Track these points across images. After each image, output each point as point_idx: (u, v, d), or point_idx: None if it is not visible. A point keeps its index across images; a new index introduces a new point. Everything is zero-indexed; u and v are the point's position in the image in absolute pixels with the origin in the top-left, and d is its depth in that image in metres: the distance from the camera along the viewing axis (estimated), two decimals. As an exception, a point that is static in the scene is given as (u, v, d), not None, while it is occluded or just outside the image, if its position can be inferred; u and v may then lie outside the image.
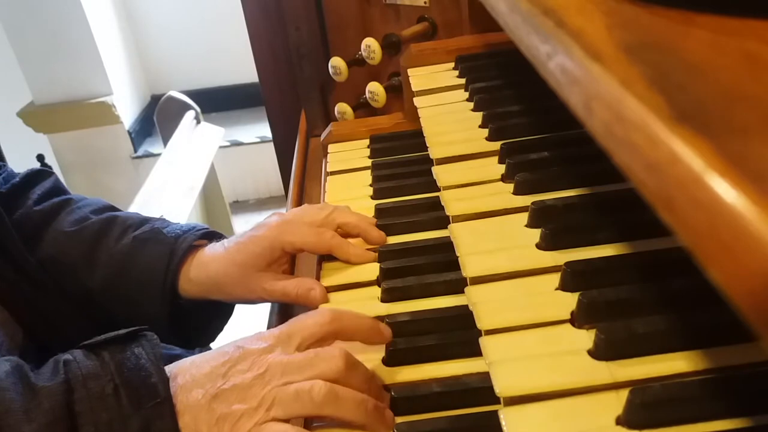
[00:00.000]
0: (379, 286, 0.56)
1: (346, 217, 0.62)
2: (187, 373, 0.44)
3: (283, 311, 0.67)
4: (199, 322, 0.67)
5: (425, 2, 0.89)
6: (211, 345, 0.90)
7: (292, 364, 0.44)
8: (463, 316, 0.46)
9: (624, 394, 0.34)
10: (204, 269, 0.61)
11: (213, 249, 0.62)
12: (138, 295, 0.62)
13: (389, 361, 0.48)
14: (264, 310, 0.68)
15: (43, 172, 0.71)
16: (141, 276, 0.62)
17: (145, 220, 0.66)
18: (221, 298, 0.63)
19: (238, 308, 0.71)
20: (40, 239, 0.65)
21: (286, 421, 0.42)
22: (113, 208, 0.70)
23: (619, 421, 0.34)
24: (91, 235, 0.65)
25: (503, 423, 0.35)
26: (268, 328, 0.66)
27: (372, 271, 0.58)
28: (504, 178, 0.57)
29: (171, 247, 0.61)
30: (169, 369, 0.45)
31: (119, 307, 0.64)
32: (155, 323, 0.62)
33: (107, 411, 0.40)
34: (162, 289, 0.61)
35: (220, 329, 0.71)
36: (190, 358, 0.46)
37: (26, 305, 0.59)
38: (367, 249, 0.61)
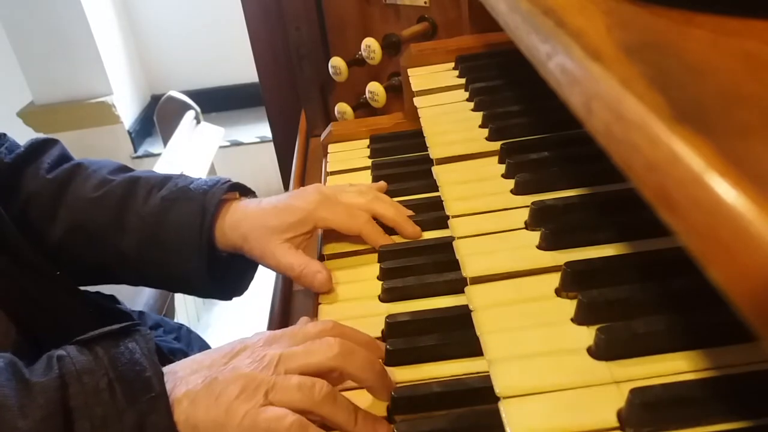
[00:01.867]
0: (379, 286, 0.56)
1: (385, 209, 0.62)
2: (188, 367, 0.45)
3: (283, 311, 0.67)
4: (234, 271, 0.68)
5: (425, 2, 0.89)
6: (209, 345, 0.90)
7: (288, 352, 0.44)
8: (463, 316, 0.46)
9: (624, 394, 0.34)
10: (237, 226, 0.61)
11: (248, 206, 0.62)
12: (173, 255, 0.62)
13: (389, 361, 0.48)
14: (264, 306, 0.69)
15: (49, 140, 0.71)
16: (175, 236, 0.62)
17: (167, 178, 0.66)
18: (243, 252, 0.63)
19: (239, 307, 0.71)
20: (60, 206, 0.65)
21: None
22: (128, 168, 0.70)
23: (619, 421, 0.34)
24: (117, 198, 0.64)
25: (504, 417, 0.35)
26: (270, 319, 0.67)
27: (372, 270, 0.58)
28: (504, 178, 0.57)
29: (201, 203, 0.61)
30: (170, 366, 0.45)
31: (155, 267, 0.64)
32: (193, 279, 0.62)
33: (102, 405, 0.40)
34: (198, 245, 0.61)
35: (251, 278, 0.71)
36: (191, 357, 0.46)
37: (25, 299, 0.58)
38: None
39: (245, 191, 0.67)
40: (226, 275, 0.66)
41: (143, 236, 0.63)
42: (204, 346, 0.90)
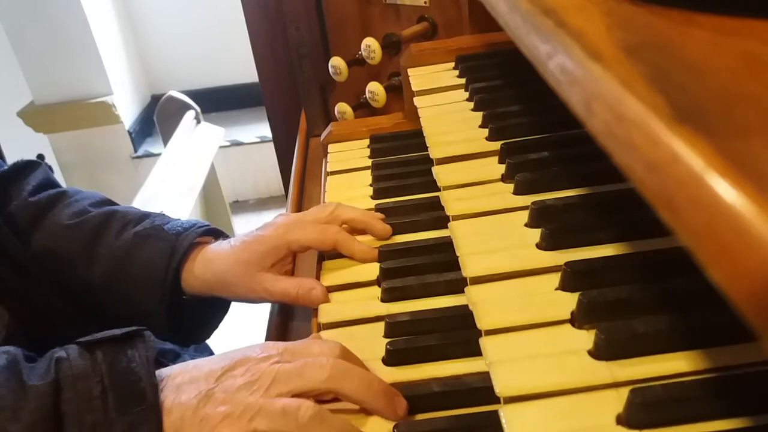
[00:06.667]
0: (379, 286, 0.56)
1: (350, 213, 0.63)
2: (186, 373, 0.44)
3: (284, 313, 0.67)
4: (198, 318, 0.67)
5: (425, 2, 0.89)
6: (207, 344, 0.90)
7: (281, 372, 0.44)
8: (463, 316, 0.46)
9: (624, 394, 0.34)
10: (209, 266, 0.61)
11: (219, 246, 0.62)
12: (137, 292, 0.62)
13: (389, 361, 0.48)
14: (264, 310, 0.68)
15: (33, 163, 0.71)
16: (141, 273, 0.62)
17: (145, 216, 0.66)
18: (223, 295, 0.63)
19: (239, 307, 0.71)
20: (36, 230, 0.65)
21: None
22: (111, 202, 0.70)
23: (620, 421, 0.34)
24: (91, 229, 0.64)
25: (503, 421, 0.35)
26: (268, 327, 0.66)
27: (372, 271, 0.58)
28: (504, 178, 0.57)
29: (172, 244, 0.61)
30: (170, 368, 0.45)
31: (117, 302, 0.64)
32: (153, 319, 0.62)
33: (92, 413, 0.40)
34: (162, 286, 0.61)
35: (216, 326, 0.71)
36: (194, 361, 0.46)
37: (16, 297, 0.58)
38: (375, 248, 0.61)
39: (222, 236, 0.66)
40: (189, 320, 0.65)
41: (111, 269, 0.63)
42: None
